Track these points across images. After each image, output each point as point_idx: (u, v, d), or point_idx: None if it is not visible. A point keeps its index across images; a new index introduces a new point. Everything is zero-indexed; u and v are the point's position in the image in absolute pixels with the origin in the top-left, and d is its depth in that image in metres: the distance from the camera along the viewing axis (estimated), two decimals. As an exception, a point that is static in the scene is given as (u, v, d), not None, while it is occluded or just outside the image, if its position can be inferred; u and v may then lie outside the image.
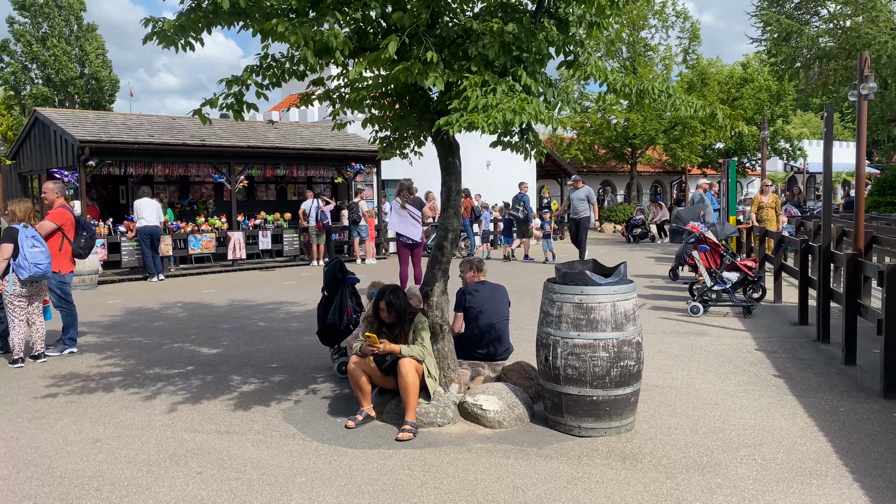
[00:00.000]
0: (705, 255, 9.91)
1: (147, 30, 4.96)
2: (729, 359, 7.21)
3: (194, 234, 16.04)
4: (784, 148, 35.56)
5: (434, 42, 4.99)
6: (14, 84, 30.29)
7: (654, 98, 5.39)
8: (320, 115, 21.58)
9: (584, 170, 31.56)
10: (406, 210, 11.22)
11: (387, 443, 4.94)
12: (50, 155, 15.88)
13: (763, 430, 5.08)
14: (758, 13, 25.92)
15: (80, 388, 6.46)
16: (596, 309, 4.88)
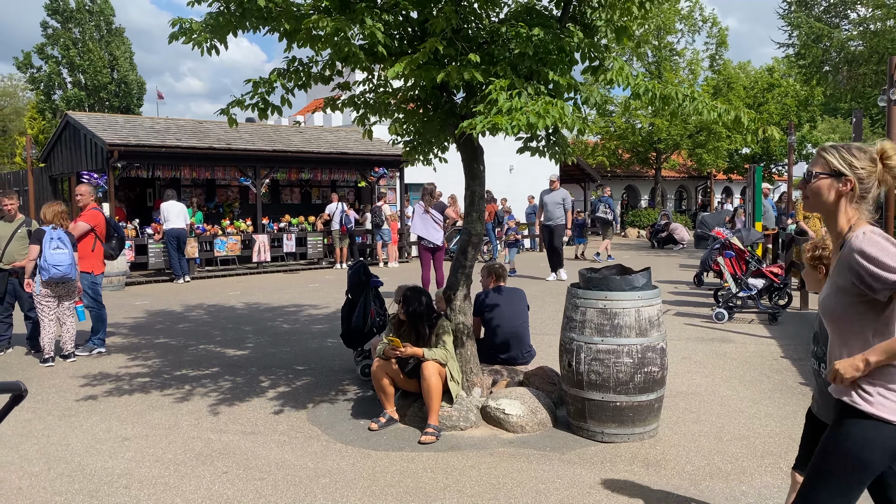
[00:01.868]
0: (730, 261, 9.83)
1: (174, 29, 5.04)
2: (754, 366, 7.15)
3: (220, 237, 16.22)
4: (811, 153, 35.12)
5: (463, 44, 5.04)
6: (46, 89, 30.88)
7: (678, 103, 5.36)
8: (345, 120, 21.73)
9: (609, 174, 31.44)
10: (429, 214, 11.26)
11: (410, 445, 4.97)
12: (80, 158, 16.17)
13: (789, 439, 5.03)
14: (786, 16, 25.65)
15: (109, 388, 6.57)
16: (620, 314, 4.87)
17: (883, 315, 2.36)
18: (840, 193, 2.43)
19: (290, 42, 5.14)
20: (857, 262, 2.32)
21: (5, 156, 38.41)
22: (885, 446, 2.32)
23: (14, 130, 40.08)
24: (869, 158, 2.42)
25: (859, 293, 2.35)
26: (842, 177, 2.43)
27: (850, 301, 2.39)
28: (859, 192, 2.42)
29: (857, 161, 2.42)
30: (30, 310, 7.92)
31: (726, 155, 30.76)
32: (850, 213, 2.44)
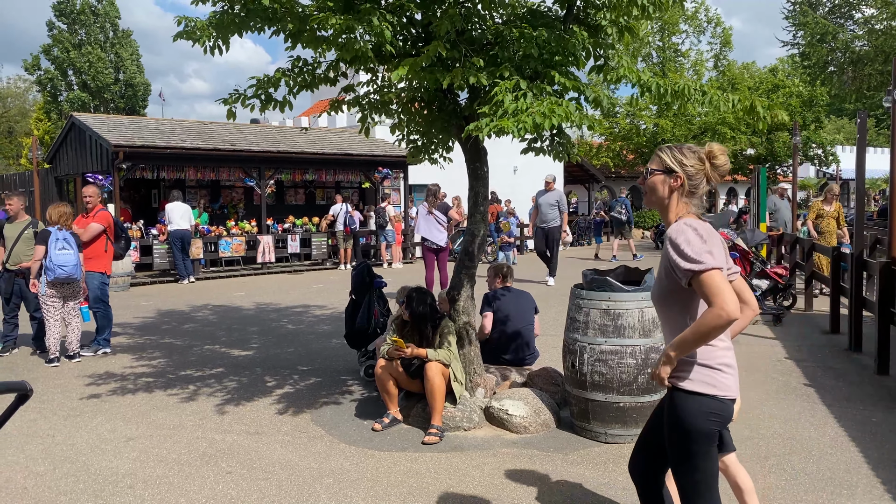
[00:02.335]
0: (735, 262, 9.80)
1: (179, 28, 5.06)
2: (758, 367, 7.13)
3: (224, 238, 16.26)
4: (816, 154, 35.02)
5: (467, 47, 5.05)
6: (52, 90, 31.00)
7: (688, 98, 5.35)
8: (349, 121, 21.75)
9: (613, 175, 31.40)
10: (432, 215, 11.28)
11: (413, 446, 4.98)
12: (85, 159, 16.22)
13: (792, 440, 5.02)
14: (791, 16, 25.60)
15: (114, 388, 6.60)
16: (623, 315, 4.88)
17: (693, 301, 2.57)
18: (672, 188, 2.69)
19: (295, 43, 5.16)
20: (667, 249, 2.57)
21: (11, 157, 38.56)
22: (711, 414, 2.54)
23: (20, 132, 40.24)
24: (697, 158, 2.68)
25: (674, 279, 2.56)
26: (673, 173, 2.69)
27: (669, 286, 2.61)
28: (688, 187, 2.68)
29: (687, 160, 2.68)
30: (35, 310, 7.96)
31: (731, 156, 30.68)
32: (681, 206, 2.70)
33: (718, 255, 2.48)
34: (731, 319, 2.38)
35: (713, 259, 2.44)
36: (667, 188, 2.71)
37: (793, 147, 20.36)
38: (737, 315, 2.39)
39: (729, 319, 2.38)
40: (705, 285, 2.43)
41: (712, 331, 2.42)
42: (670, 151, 2.72)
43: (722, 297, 2.38)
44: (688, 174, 2.68)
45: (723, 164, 2.69)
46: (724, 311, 2.37)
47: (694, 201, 2.70)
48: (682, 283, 2.51)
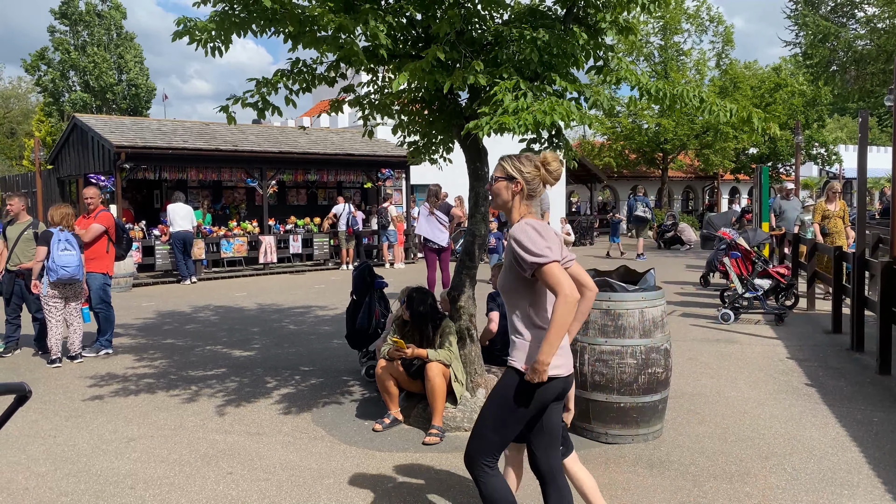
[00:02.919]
0: (737, 261, 9.80)
1: (179, 28, 5.06)
2: (760, 367, 7.13)
3: (226, 238, 16.27)
4: (819, 153, 34.99)
5: (467, 49, 5.05)
6: (53, 91, 31.05)
7: (686, 102, 5.36)
8: (350, 121, 21.77)
9: (615, 175, 31.36)
10: (434, 215, 11.28)
11: (414, 446, 4.98)
12: (87, 160, 16.25)
13: (794, 440, 5.02)
14: (793, 15, 25.57)
15: (116, 389, 6.61)
16: (623, 315, 4.87)
17: (534, 289, 2.94)
18: (514, 193, 3.05)
19: (295, 44, 5.16)
20: (512, 245, 2.92)
21: (13, 157, 38.62)
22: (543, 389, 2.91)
23: (22, 132, 40.32)
24: (533, 165, 3.05)
25: (517, 270, 2.94)
26: (514, 179, 3.04)
27: (513, 276, 2.98)
28: (527, 191, 3.05)
29: (524, 167, 3.04)
30: (37, 311, 7.97)
31: (733, 155, 30.65)
32: (522, 208, 3.06)
33: (556, 250, 2.88)
34: (575, 299, 2.78)
35: (552, 253, 2.84)
36: (509, 193, 3.07)
37: (795, 146, 20.36)
38: (577, 295, 2.80)
39: (574, 300, 2.78)
40: (547, 276, 2.82)
41: (566, 315, 2.78)
42: (511, 160, 3.08)
43: (562, 285, 2.79)
44: (526, 180, 3.04)
45: (555, 169, 3.06)
46: (568, 296, 2.77)
47: (535, 203, 3.09)
48: (527, 274, 2.89)
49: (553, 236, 2.93)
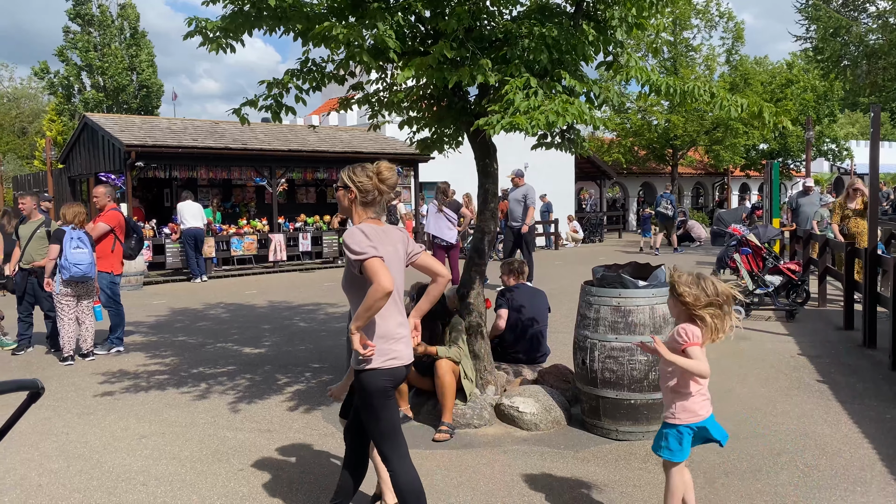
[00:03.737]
0: (747, 258, 9.75)
1: (190, 28, 5.09)
2: (771, 363, 7.09)
3: (237, 237, 16.33)
4: (830, 149, 34.73)
5: (476, 46, 5.04)
6: (67, 91, 31.20)
7: (696, 98, 5.33)
8: (359, 119, 21.80)
9: (625, 171, 31.27)
10: (442, 213, 11.28)
11: (424, 443, 4.98)
12: (98, 159, 16.33)
13: (805, 437, 4.99)
14: (804, 9, 25.39)
15: (127, 386, 6.65)
16: (634, 312, 4.86)
17: (367, 285, 3.13)
18: (350, 200, 3.35)
19: (305, 42, 5.17)
20: (343, 245, 3.21)
21: (25, 157, 38.87)
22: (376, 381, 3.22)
23: (33, 132, 40.57)
24: (367, 175, 3.33)
25: (350, 270, 3.25)
26: (349, 188, 3.34)
27: (349, 277, 3.29)
28: (362, 198, 3.34)
29: (358, 177, 3.33)
30: (50, 309, 8.02)
31: (743, 151, 30.48)
32: (361, 213, 3.36)
33: (382, 249, 3.17)
34: (386, 290, 3.06)
35: (375, 251, 3.12)
36: (347, 200, 3.37)
37: (806, 142, 20.22)
38: (389, 287, 3.06)
39: (384, 290, 3.06)
40: (367, 269, 3.11)
41: (375, 301, 3.08)
42: (348, 171, 3.37)
43: (378, 277, 3.07)
44: (359, 188, 3.32)
45: (387, 178, 3.34)
46: (379, 286, 3.06)
47: (373, 209, 3.36)
48: (355, 270, 3.18)
49: (384, 238, 3.27)
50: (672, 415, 3.45)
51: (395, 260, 3.31)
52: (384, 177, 3.33)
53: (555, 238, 22.95)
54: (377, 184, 3.32)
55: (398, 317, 3.30)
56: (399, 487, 3.28)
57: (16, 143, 40.70)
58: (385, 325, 3.24)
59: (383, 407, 3.27)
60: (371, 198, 3.34)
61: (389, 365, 3.23)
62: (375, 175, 3.33)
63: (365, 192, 3.33)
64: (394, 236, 3.37)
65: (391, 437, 3.31)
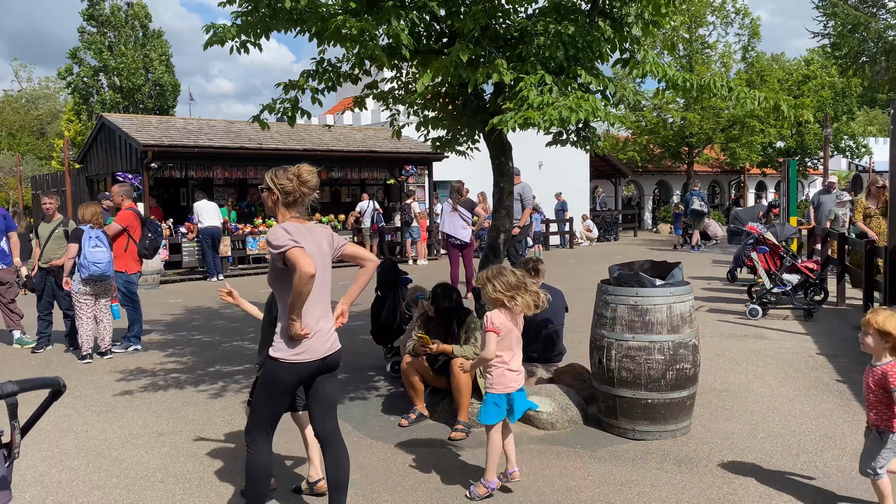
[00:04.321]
0: (764, 256, 9.67)
1: (209, 35, 5.13)
2: (789, 363, 7.03)
3: (252, 236, 16.41)
4: (848, 146, 34.38)
5: (491, 45, 5.03)
6: (83, 92, 31.48)
7: (714, 92, 5.30)
8: (373, 118, 21.83)
9: (640, 170, 31.12)
10: (457, 211, 11.27)
11: (440, 442, 4.98)
12: (115, 159, 16.47)
13: (825, 437, 4.94)
14: (821, 5, 25.14)
15: (145, 384, 6.70)
16: (651, 311, 4.83)
17: (291, 278, 3.31)
18: (273, 201, 3.51)
19: (320, 41, 5.19)
20: (266, 243, 3.44)
21: (43, 157, 39.27)
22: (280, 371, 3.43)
23: (51, 132, 40.96)
24: (287, 177, 3.47)
25: (275, 266, 3.44)
26: (271, 190, 3.50)
27: (274, 272, 3.46)
28: (284, 199, 3.49)
29: (279, 179, 3.48)
30: (68, 308, 8.10)
31: (760, 149, 30.23)
32: (284, 213, 3.52)
33: (303, 241, 3.35)
34: (309, 273, 3.23)
35: (295, 242, 3.30)
36: (270, 201, 3.52)
37: (824, 139, 20.02)
38: (311, 271, 3.24)
39: (308, 274, 3.23)
40: (289, 258, 3.29)
41: (302, 286, 3.26)
42: (271, 173, 3.52)
43: (300, 263, 3.24)
44: (280, 190, 3.48)
45: (307, 180, 3.49)
46: (302, 270, 3.23)
47: (296, 209, 3.52)
48: (279, 264, 3.36)
49: (307, 234, 3.45)
50: (490, 385, 4.08)
51: (319, 255, 3.49)
52: (304, 178, 3.49)
53: (569, 237, 22.88)
54: (298, 185, 3.48)
55: (316, 311, 3.48)
56: (249, 464, 3.53)
57: (34, 144, 41.12)
58: (303, 318, 3.41)
59: (277, 397, 3.51)
60: (293, 199, 3.50)
61: (296, 360, 3.41)
62: (296, 177, 3.48)
63: (287, 193, 3.48)
64: (317, 233, 3.56)
65: (267, 424, 3.55)
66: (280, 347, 3.44)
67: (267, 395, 3.53)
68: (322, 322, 3.53)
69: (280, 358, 3.42)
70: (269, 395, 3.52)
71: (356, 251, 3.82)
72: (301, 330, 3.37)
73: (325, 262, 3.58)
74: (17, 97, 44.49)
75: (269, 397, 3.52)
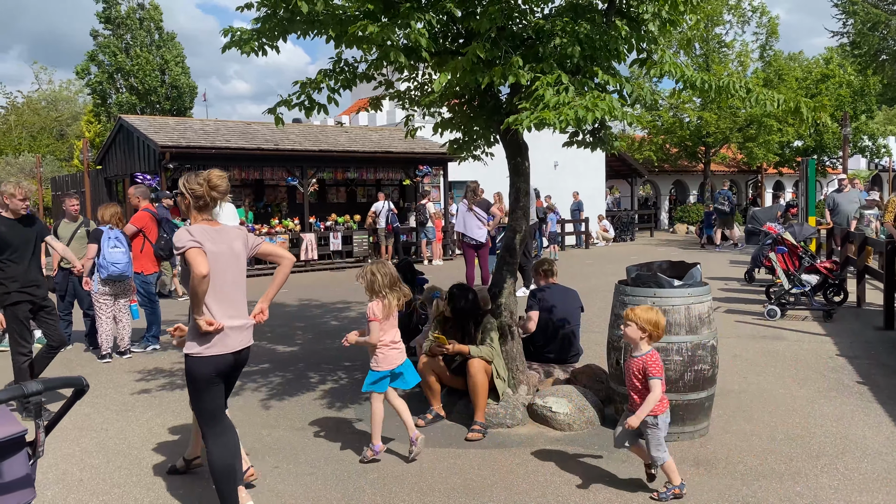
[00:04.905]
0: (783, 256, 9.59)
1: (227, 39, 5.16)
2: (808, 364, 6.97)
3: (269, 236, 16.50)
4: (867, 145, 33.98)
5: (507, 44, 5.02)
6: (101, 93, 31.80)
7: (733, 94, 5.25)
8: (388, 119, 21.87)
9: (656, 169, 30.95)
10: (472, 211, 11.27)
11: (456, 442, 4.99)
12: (133, 160, 16.61)
13: (845, 439, 4.89)
14: (841, 3, 24.90)
15: (164, 384, 6.75)
16: (669, 312, 4.80)
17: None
18: (186, 205, 3.73)
19: (338, 44, 5.20)
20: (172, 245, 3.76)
21: (63, 158, 39.70)
22: (195, 366, 3.66)
23: (71, 134, 41.40)
24: (198, 182, 3.68)
25: (183, 265, 3.60)
26: (183, 194, 3.72)
27: (183, 270, 3.67)
28: (195, 203, 3.71)
29: (190, 184, 3.70)
30: (89, 308, 8.19)
31: (777, 148, 29.97)
32: (196, 216, 3.74)
33: (207, 243, 3.58)
34: (201, 273, 3.47)
35: (195, 243, 3.52)
36: (184, 205, 3.75)
37: (843, 138, 19.82)
38: (203, 271, 3.47)
39: (200, 274, 3.47)
40: (186, 259, 3.53)
41: (196, 286, 3.51)
42: (184, 178, 3.74)
43: (193, 264, 3.49)
44: (191, 195, 3.69)
45: (217, 185, 3.70)
46: (195, 271, 3.48)
47: (208, 212, 3.75)
48: (184, 264, 3.56)
49: (216, 236, 3.66)
50: (377, 364, 4.64)
51: (230, 256, 3.71)
52: (214, 183, 3.69)
53: (585, 237, 22.80)
54: (207, 190, 3.69)
55: (230, 309, 3.69)
56: (211, 465, 3.68)
57: (55, 145, 41.58)
58: (212, 315, 3.62)
59: (205, 390, 3.69)
60: (203, 202, 3.71)
61: (209, 353, 3.63)
62: (206, 182, 3.69)
63: (197, 197, 3.69)
64: (229, 235, 3.76)
65: (211, 418, 3.73)
66: (192, 345, 3.65)
67: (195, 392, 3.73)
68: (234, 319, 3.71)
69: (192, 353, 3.64)
70: (196, 390, 3.72)
71: (271, 249, 3.99)
72: (206, 324, 3.57)
73: (237, 262, 3.76)
74: (37, 99, 45.02)
75: (198, 392, 3.71)
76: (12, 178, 7.29)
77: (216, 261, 3.61)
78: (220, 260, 3.64)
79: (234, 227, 3.82)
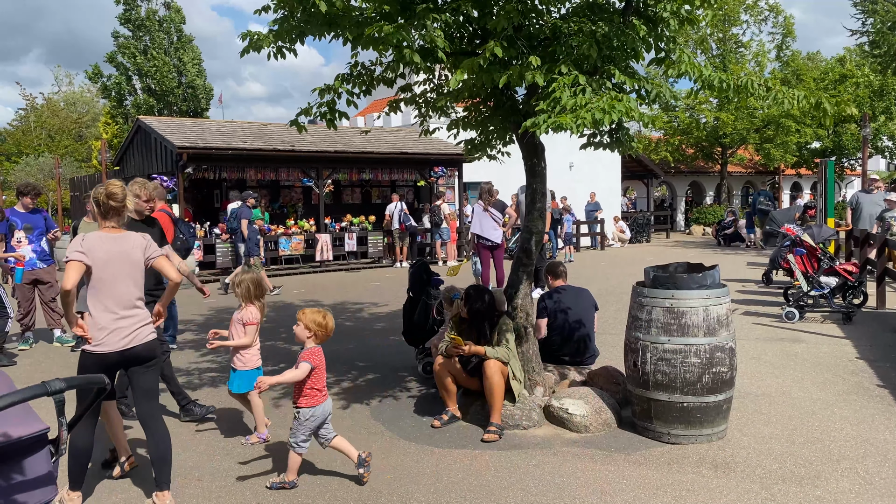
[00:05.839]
0: (801, 258, 9.50)
1: (245, 43, 5.20)
2: (827, 367, 6.90)
3: (284, 237, 16.57)
4: (887, 146, 33.57)
5: (524, 44, 5.02)
6: (118, 94, 32.11)
7: (752, 92, 5.21)
8: (404, 120, 21.91)
9: (672, 170, 30.77)
10: (488, 212, 11.26)
11: (472, 443, 4.98)
12: (151, 161, 16.75)
13: (866, 443, 4.84)
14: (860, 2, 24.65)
15: (181, 383, 6.77)
16: (687, 313, 4.77)
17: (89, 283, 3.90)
18: (91, 212, 3.98)
19: (354, 46, 5.21)
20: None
21: (82, 159, 40.09)
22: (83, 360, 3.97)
23: (90, 136, 41.80)
24: (99, 191, 3.96)
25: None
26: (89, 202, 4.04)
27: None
28: (98, 210, 3.97)
29: (94, 193, 3.98)
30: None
31: (795, 149, 29.69)
32: (102, 222, 3.98)
33: (97, 251, 3.84)
34: (64, 288, 3.71)
35: (78, 255, 3.78)
36: (93, 214, 4.03)
37: (862, 139, 19.58)
38: (66, 286, 3.70)
39: (64, 288, 3.72)
40: (65, 269, 3.77)
41: (62, 297, 3.78)
42: (94, 188, 4.00)
43: (66, 276, 3.74)
44: (95, 202, 3.96)
45: (113, 193, 3.93)
46: (62, 284, 3.73)
47: (112, 219, 3.97)
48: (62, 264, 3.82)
49: (112, 243, 3.91)
50: (242, 363, 5.12)
51: (126, 262, 3.94)
52: (110, 192, 3.94)
53: (601, 238, 22.72)
54: (105, 199, 3.93)
55: (118, 310, 3.91)
56: (73, 445, 3.95)
57: (73, 147, 42.00)
58: (99, 316, 3.89)
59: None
60: (104, 210, 3.96)
61: (93, 350, 3.91)
62: (104, 191, 3.95)
63: (98, 205, 3.96)
64: (129, 241, 3.99)
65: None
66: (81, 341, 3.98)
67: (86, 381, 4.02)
68: (122, 321, 3.93)
69: (84, 348, 3.97)
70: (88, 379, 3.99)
71: (161, 266, 4.15)
72: (76, 329, 3.87)
73: (130, 269, 3.96)
74: (56, 101, 45.51)
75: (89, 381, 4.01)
76: (31, 179, 7.34)
77: (105, 266, 3.86)
78: (112, 265, 3.89)
79: (137, 235, 4.04)
